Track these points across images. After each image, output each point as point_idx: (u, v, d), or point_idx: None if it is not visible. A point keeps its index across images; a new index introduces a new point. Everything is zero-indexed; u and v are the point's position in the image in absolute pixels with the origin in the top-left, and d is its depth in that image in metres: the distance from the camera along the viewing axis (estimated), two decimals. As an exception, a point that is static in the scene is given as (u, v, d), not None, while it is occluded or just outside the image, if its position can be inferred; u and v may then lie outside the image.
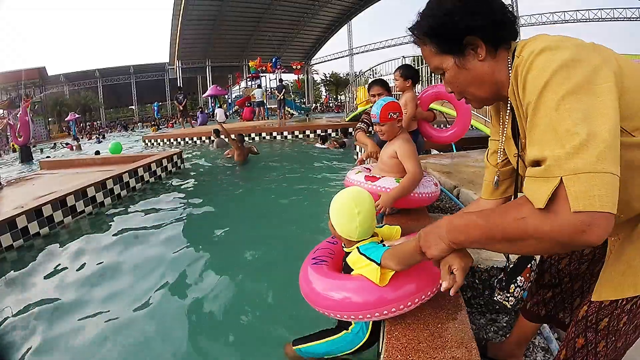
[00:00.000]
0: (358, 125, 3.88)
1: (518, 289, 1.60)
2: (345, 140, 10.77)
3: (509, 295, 1.60)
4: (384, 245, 1.73)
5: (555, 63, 0.91)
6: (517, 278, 1.61)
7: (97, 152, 13.30)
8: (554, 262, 1.58)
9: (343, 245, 1.84)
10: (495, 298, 1.64)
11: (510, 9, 1.15)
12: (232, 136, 8.63)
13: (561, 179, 0.86)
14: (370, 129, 3.84)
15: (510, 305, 1.61)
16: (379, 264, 1.51)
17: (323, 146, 10.83)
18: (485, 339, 2.11)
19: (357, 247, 1.70)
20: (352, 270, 1.70)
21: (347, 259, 1.74)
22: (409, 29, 1.25)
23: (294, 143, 12.57)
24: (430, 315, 1.62)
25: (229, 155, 9.05)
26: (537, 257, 1.61)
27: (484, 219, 1.05)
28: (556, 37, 1.00)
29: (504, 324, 2.22)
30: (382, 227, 2.00)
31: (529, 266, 1.61)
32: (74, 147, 19.08)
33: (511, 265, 1.62)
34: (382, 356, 1.47)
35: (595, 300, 1.20)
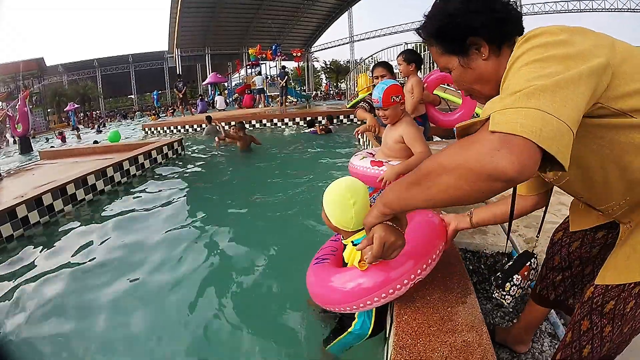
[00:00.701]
0: (360, 104, 3.88)
1: (515, 287, 1.55)
2: (330, 127, 10.81)
3: (504, 293, 1.56)
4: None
5: (536, 42, 0.93)
6: (514, 276, 1.55)
7: (96, 142, 13.33)
8: (565, 244, 1.56)
9: (342, 238, 1.83)
10: (494, 295, 1.61)
11: (515, 5, 1.17)
12: (233, 123, 8.58)
13: (490, 115, 0.83)
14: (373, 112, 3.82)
15: (507, 303, 1.57)
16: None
17: (310, 130, 10.96)
18: (493, 324, 2.10)
19: (352, 242, 1.70)
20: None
21: (344, 254, 1.75)
22: (416, 30, 1.27)
23: (292, 129, 12.54)
24: (439, 299, 1.61)
25: (222, 141, 8.98)
26: (538, 256, 1.61)
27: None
28: (550, 26, 0.99)
29: (510, 310, 2.21)
30: None
31: (528, 264, 1.56)
32: (76, 136, 19.09)
33: (509, 263, 1.59)
34: (391, 340, 1.44)
35: (600, 284, 1.19)
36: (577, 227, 1.49)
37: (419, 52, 10.72)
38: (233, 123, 8.56)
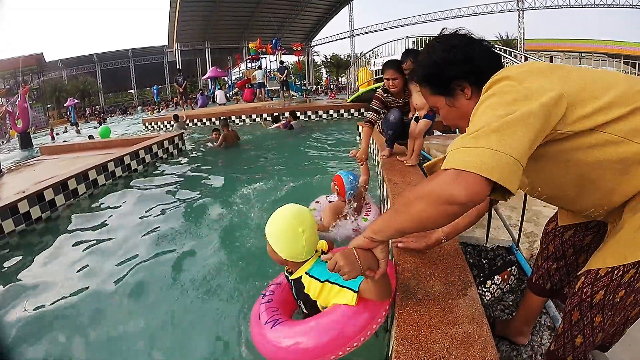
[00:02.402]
0: (366, 116, 3.98)
1: (494, 286, 1.89)
2: (292, 122, 10.96)
3: (485, 290, 1.87)
4: (323, 253, 1.72)
5: (493, 90, 1.12)
6: (495, 276, 1.91)
7: (91, 137, 13.44)
8: (558, 233, 1.60)
9: (287, 272, 1.78)
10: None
11: (493, 49, 1.36)
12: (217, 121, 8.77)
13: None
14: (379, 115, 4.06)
15: (487, 300, 1.86)
16: (356, 291, 1.53)
17: (274, 126, 11.32)
18: (493, 317, 2.11)
19: (307, 273, 1.66)
20: (312, 299, 1.67)
21: (309, 292, 1.68)
22: (407, 73, 1.48)
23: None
24: (440, 291, 1.62)
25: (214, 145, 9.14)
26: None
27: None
28: (512, 68, 1.18)
29: (510, 303, 2.21)
30: None
31: (509, 269, 1.91)
32: (75, 131, 19.09)
33: (484, 261, 1.96)
34: (394, 331, 1.46)
35: (590, 270, 1.22)
36: (564, 222, 1.57)
37: (421, 45, 10.77)
38: (216, 121, 8.76)
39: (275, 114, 12.42)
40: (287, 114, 12.10)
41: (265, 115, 13.21)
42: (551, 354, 1.35)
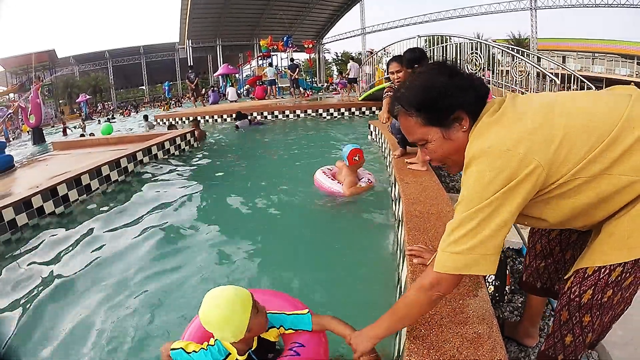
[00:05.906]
0: (387, 93, 4.01)
1: (508, 293, 2.25)
2: (237, 123, 11.62)
3: (503, 303, 2.21)
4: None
5: (477, 168, 1.14)
6: (505, 288, 2.21)
7: (92, 134, 13.57)
8: (545, 232, 1.64)
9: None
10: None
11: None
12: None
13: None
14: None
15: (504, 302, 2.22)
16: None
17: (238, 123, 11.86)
18: (503, 318, 2.12)
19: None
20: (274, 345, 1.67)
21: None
22: (395, 99, 1.34)
23: (304, 121, 12.67)
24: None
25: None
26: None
27: (388, 312, 1.41)
28: (492, 134, 1.16)
29: (519, 304, 2.22)
30: None
31: (508, 273, 2.21)
32: (82, 128, 19.23)
33: (496, 283, 2.17)
34: (405, 331, 1.48)
35: (578, 270, 1.25)
36: None
37: (430, 46, 10.68)
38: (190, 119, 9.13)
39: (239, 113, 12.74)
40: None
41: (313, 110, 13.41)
42: (542, 354, 1.39)
